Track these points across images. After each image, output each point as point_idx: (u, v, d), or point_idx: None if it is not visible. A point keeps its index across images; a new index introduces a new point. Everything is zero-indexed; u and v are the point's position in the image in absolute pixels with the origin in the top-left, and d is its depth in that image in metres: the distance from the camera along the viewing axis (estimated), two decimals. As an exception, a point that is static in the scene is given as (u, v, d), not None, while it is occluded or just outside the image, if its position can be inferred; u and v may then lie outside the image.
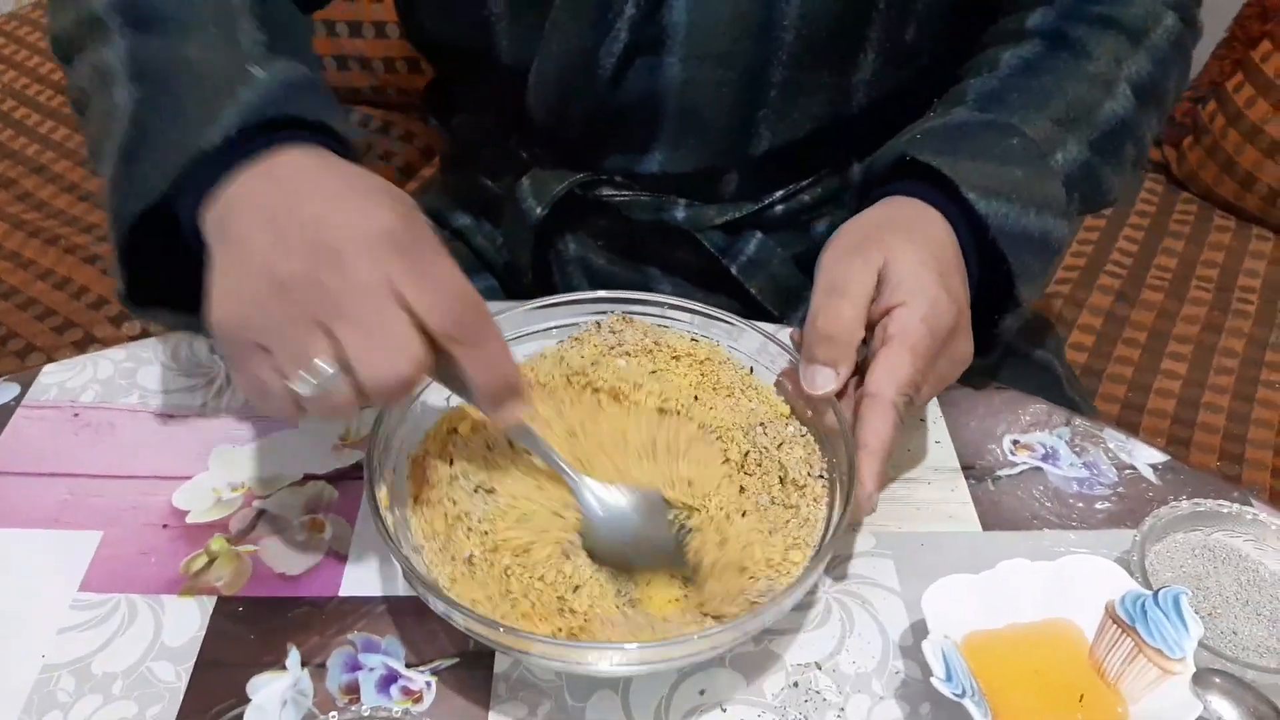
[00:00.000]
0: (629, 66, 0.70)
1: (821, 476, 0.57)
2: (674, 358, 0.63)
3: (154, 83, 0.57)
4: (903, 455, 0.66)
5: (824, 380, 0.57)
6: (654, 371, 0.62)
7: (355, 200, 0.48)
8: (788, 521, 0.55)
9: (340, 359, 0.46)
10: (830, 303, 0.57)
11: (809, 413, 0.58)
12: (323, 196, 0.49)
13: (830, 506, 0.55)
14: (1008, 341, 0.65)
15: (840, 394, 0.57)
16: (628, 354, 0.63)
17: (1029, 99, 0.66)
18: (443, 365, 0.49)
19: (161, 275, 0.58)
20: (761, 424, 0.59)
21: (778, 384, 0.62)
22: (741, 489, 0.57)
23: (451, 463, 0.57)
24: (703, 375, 0.62)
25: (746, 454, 0.58)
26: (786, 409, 0.59)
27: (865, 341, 0.59)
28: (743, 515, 0.55)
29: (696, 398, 0.61)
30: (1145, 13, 0.71)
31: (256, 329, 0.47)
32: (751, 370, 0.63)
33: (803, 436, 0.59)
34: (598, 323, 0.64)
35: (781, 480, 0.57)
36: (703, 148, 0.74)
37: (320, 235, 0.47)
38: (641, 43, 0.69)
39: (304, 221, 0.47)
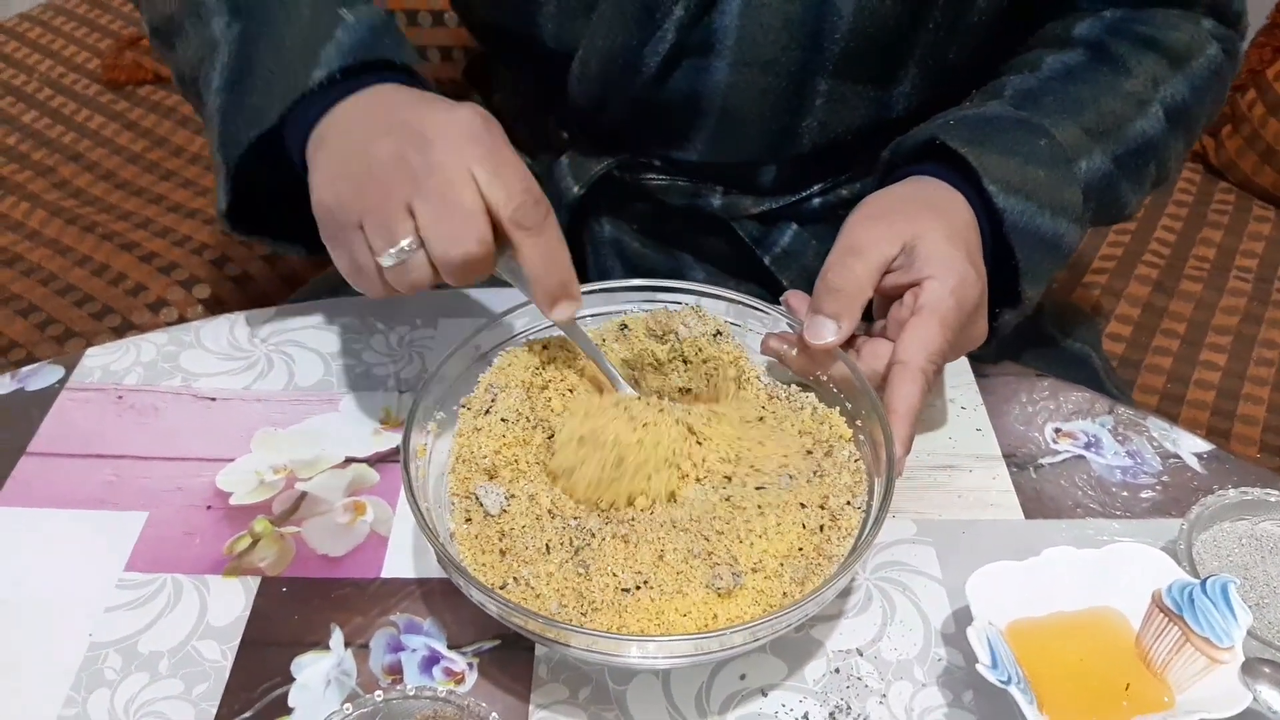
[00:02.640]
0: (675, 67, 0.70)
1: (861, 508, 0.55)
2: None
3: (252, 18, 0.63)
4: (944, 442, 0.66)
5: (827, 331, 0.58)
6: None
7: (444, 106, 0.55)
8: (804, 549, 0.53)
9: (419, 234, 0.52)
10: (845, 260, 0.59)
11: (862, 438, 0.58)
12: (416, 105, 0.56)
13: (859, 538, 0.54)
14: (1004, 335, 0.66)
15: (846, 346, 0.59)
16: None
17: (1063, 104, 0.67)
18: (507, 260, 0.56)
19: (262, 201, 0.64)
20: (818, 442, 0.59)
21: (767, 345, 0.62)
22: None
23: (488, 411, 0.59)
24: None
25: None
26: (848, 432, 0.59)
27: (881, 314, 0.61)
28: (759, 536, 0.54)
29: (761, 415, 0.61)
30: (1190, 39, 0.71)
31: (353, 208, 0.54)
32: (817, 378, 0.61)
33: (854, 463, 0.58)
34: (669, 312, 0.64)
35: (821, 506, 0.55)
36: (743, 146, 0.74)
37: (411, 125, 0.53)
38: (688, 45, 0.69)
39: (399, 119, 0.54)
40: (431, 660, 0.54)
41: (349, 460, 0.64)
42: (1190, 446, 0.66)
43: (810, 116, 0.71)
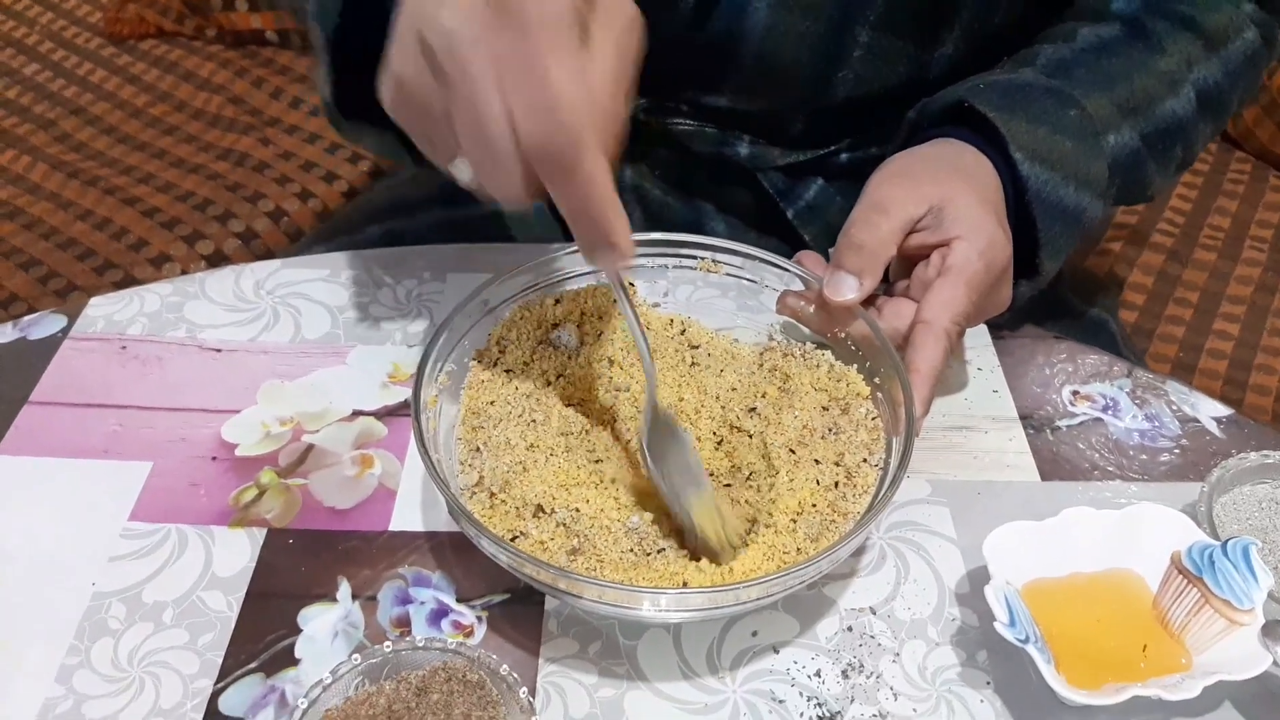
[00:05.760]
0: (714, 5, 0.68)
1: (878, 466, 0.55)
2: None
3: None
4: (959, 403, 0.65)
5: (848, 288, 0.57)
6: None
7: None
8: (818, 506, 0.53)
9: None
10: (869, 216, 0.58)
11: (879, 396, 0.57)
12: None
13: (875, 496, 0.53)
14: (1019, 306, 0.65)
15: (866, 304, 0.58)
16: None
17: (1095, 77, 0.66)
18: None
19: (366, 94, 0.55)
20: (834, 400, 0.58)
21: (784, 303, 0.61)
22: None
23: (496, 363, 0.58)
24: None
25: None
26: (866, 389, 0.57)
27: (901, 276, 0.60)
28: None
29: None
30: (1227, 22, 0.70)
31: (413, 121, 0.46)
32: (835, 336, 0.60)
33: (871, 421, 0.57)
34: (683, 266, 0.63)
35: (837, 463, 0.55)
36: (775, 94, 0.73)
37: (437, 8, 0.42)
38: None
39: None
40: (440, 613, 0.53)
41: (356, 413, 0.63)
42: (1209, 411, 0.65)
43: (847, 67, 0.70)
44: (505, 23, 0.41)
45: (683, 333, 0.62)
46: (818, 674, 0.51)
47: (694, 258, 0.63)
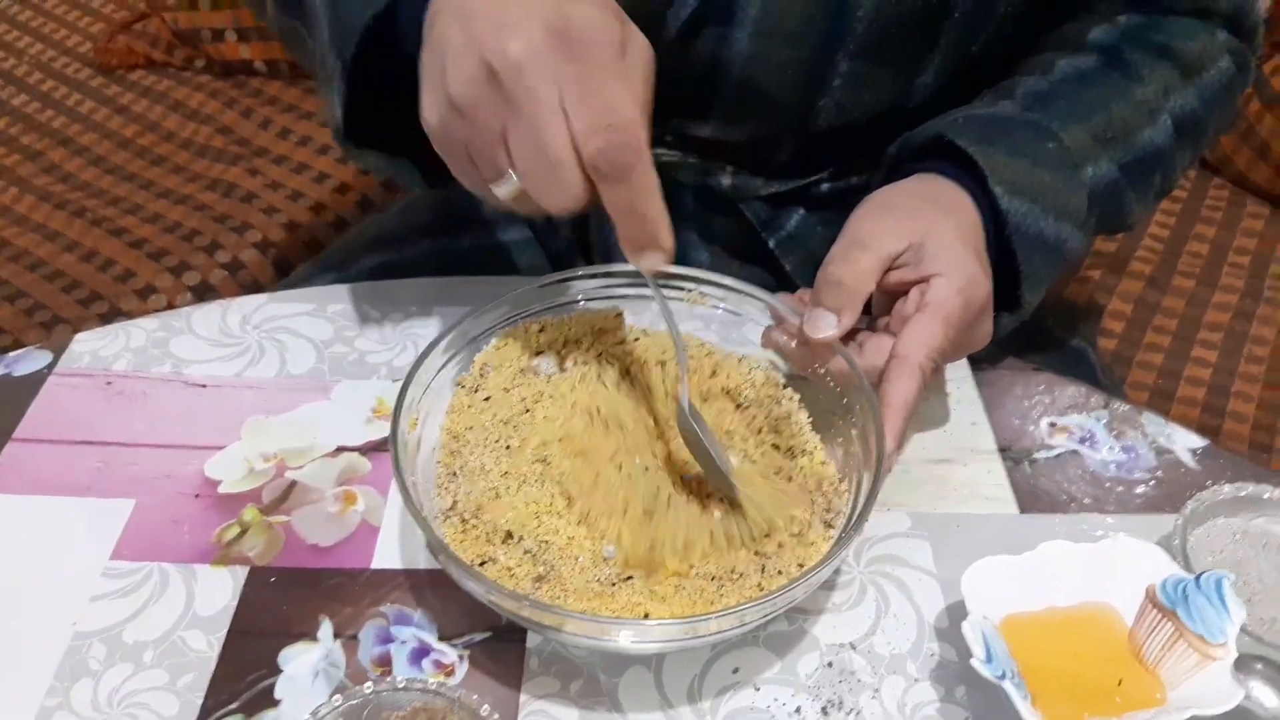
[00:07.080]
0: (696, 35, 0.69)
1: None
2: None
3: None
4: (938, 435, 0.65)
5: (825, 325, 0.58)
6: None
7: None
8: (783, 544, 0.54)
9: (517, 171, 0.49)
10: (848, 252, 0.58)
11: (853, 432, 0.58)
12: None
13: (844, 528, 0.54)
14: (1000, 338, 0.65)
15: (848, 340, 0.59)
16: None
17: (1074, 108, 0.67)
18: None
19: (375, 117, 0.59)
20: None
21: (768, 338, 0.62)
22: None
23: (477, 389, 0.59)
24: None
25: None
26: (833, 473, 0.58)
27: (883, 312, 0.61)
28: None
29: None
30: (1202, 50, 0.71)
31: (458, 138, 0.50)
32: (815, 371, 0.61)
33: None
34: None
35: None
36: (758, 122, 0.73)
37: (502, 39, 0.46)
38: (711, 12, 0.68)
39: (491, 22, 0.47)
40: (421, 652, 0.53)
41: (340, 449, 0.63)
42: (1185, 442, 0.66)
43: (828, 95, 0.71)
44: (569, 52, 0.46)
45: (661, 365, 0.63)
46: (798, 711, 0.51)
47: (680, 289, 0.63)
